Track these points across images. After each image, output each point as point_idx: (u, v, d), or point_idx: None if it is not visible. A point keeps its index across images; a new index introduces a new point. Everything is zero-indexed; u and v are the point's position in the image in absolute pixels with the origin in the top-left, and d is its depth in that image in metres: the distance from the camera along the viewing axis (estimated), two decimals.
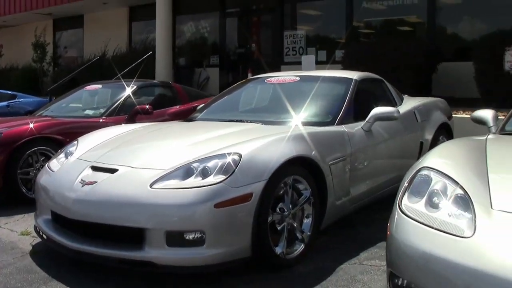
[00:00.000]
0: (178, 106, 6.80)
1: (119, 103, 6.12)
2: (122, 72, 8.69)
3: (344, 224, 3.99)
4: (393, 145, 4.46)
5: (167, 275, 3.08)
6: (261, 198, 2.99)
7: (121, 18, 15.31)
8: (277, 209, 3.18)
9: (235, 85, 5.30)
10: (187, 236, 2.87)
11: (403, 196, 2.26)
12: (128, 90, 6.35)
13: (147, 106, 5.86)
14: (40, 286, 3.05)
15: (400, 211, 2.19)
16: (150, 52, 11.38)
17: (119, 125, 4.69)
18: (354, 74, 4.61)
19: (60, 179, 3.48)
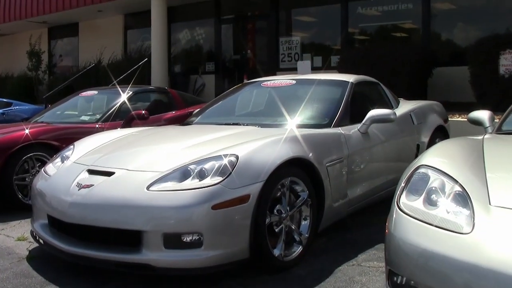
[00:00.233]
0: (174, 112, 6.79)
1: (115, 109, 6.11)
2: (118, 79, 8.70)
3: (341, 227, 3.98)
4: (390, 148, 4.46)
5: (165, 278, 3.06)
6: (259, 200, 2.98)
7: (116, 26, 15.30)
8: (275, 211, 3.17)
9: (231, 89, 5.30)
10: (185, 238, 2.86)
11: (401, 194, 2.26)
12: (124, 96, 6.34)
13: (143, 112, 5.87)
14: None
15: (399, 209, 2.19)
16: (146, 59, 11.39)
17: (115, 130, 4.68)
18: (350, 77, 4.62)
19: (57, 183, 3.46)
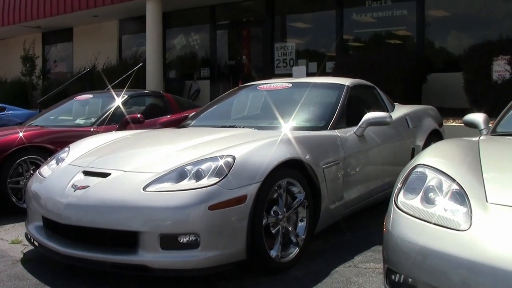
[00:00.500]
0: (169, 116, 6.79)
1: (110, 113, 6.10)
2: (113, 84, 8.67)
3: (338, 229, 3.98)
4: (385, 151, 4.47)
5: (162, 279, 3.05)
6: (256, 201, 2.98)
7: (111, 31, 15.29)
8: (272, 212, 3.16)
9: (227, 93, 5.30)
10: (182, 239, 2.85)
11: (399, 193, 2.27)
12: (119, 100, 6.33)
13: (139, 115, 5.86)
14: None
15: (397, 208, 2.19)
16: (141, 64, 11.38)
17: (111, 132, 4.66)
18: (346, 81, 4.63)
19: (52, 185, 3.44)
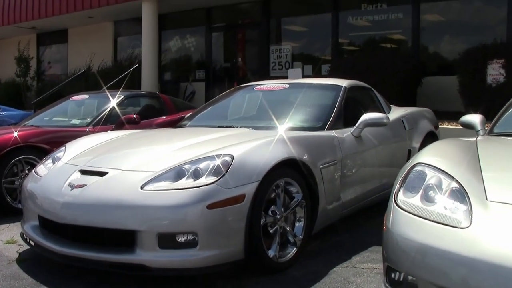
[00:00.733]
0: (165, 117, 6.77)
1: (106, 113, 6.08)
2: (108, 85, 8.64)
3: (335, 230, 3.98)
4: (382, 152, 4.48)
5: (160, 279, 3.03)
6: (254, 200, 2.97)
7: (107, 33, 15.25)
8: (270, 212, 3.16)
9: (224, 93, 5.30)
10: (180, 238, 2.83)
11: (399, 192, 2.27)
12: (115, 100, 6.31)
13: (135, 116, 5.84)
14: None
15: (396, 206, 2.20)
16: (137, 65, 11.35)
17: (107, 132, 4.64)
18: (343, 82, 4.64)
19: (48, 184, 3.41)
